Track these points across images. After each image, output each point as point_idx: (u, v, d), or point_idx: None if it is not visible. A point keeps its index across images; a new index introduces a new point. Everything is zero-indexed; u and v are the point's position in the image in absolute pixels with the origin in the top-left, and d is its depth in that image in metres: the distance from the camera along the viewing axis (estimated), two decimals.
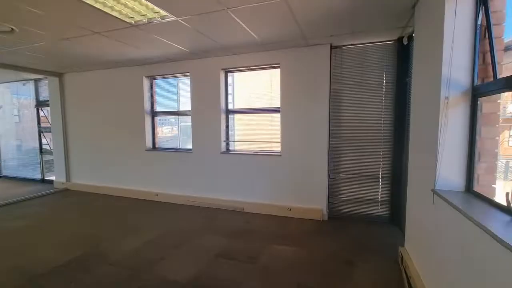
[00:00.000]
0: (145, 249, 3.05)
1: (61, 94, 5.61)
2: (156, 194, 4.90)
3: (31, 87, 6.43)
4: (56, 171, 5.98)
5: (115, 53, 4.01)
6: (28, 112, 7.60)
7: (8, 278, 2.49)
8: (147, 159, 4.97)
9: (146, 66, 4.76)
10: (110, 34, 3.17)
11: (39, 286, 2.37)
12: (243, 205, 4.27)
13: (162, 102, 5.09)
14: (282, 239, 3.29)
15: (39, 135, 6.42)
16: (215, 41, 3.49)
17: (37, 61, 4.52)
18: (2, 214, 4.25)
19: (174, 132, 5.51)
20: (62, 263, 2.76)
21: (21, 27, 2.92)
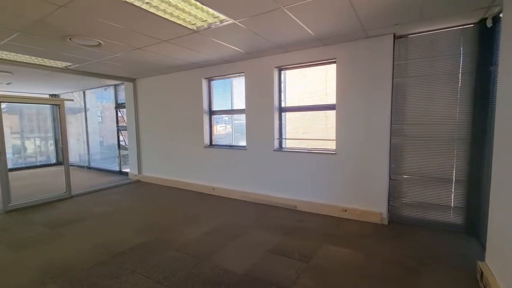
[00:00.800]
0: (205, 239, 3.28)
1: (135, 97, 6.40)
2: (213, 188, 5.22)
3: (111, 91, 7.48)
4: (130, 164, 6.85)
5: (178, 58, 4.38)
6: (109, 113, 8.85)
7: (95, 253, 2.97)
8: (205, 155, 5.32)
9: (204, 68, 5.10)
10: (175, 41, 3.48)
11: (120, 261, 2.77)
12: (296, 203, 4.26)
13: (217, 102, 5.38)
14: (337, 240, 3.18)
15: (117, 133, 7.43)
16: (269, 40, 3.53)
17: (116, 69, 5.23)
18: (91, 200, 5.07)
19: (227, 130, 5.77)
20: (136, 244, 3.16)
21: (106, 41, 3.43)
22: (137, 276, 2.52)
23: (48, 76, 5.73)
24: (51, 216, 4.16)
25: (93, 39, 3.32)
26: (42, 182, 6.59)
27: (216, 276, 2.50)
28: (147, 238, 3.32)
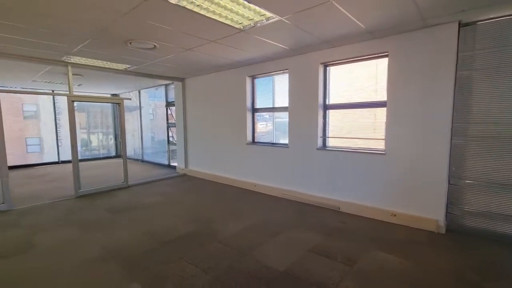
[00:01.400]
0: (246, 234, 3.36)
1: (183, 95, 6.80)
2: (254, 185, 5.31)
3: (162, 91, 8.06)
4: (178, 159, 7.32)
5: (224, 57, 4.53)
6: (159, 111, 9.57)
7: (145, 240, 3.24)
8: (247, 152, 5.43)
9: (248, 67, 5.18)
10: (222, 41, 3.60)
11: (168, 249, 2.98)
12: (339, 204, 4.10)
13: (259, 100, 5.43)
14: (385, 246, 2.99)
15: (167, 129, 7.99)
16: (315, 35, 3.44)
17: (167, 70, 5.61)
18: (144, 190, 5.54)
19: (268, 128, 5.80)
20: (183, 234, 3.37)
21: (160, 43, 3.70)
22: (184, 263, 2.68)
23: (111, 77, 6.40)
24: (112, 203, 4.66)
25: (149, 42, 3.61)
26: (104, 172, 7.41)
27: (257, 271, 2.54)
28: (192, 229, 3.52)
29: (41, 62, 4.54)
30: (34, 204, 4.60)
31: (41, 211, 4.26)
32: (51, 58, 4.47)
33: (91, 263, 2.70)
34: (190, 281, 2.38)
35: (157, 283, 2.36)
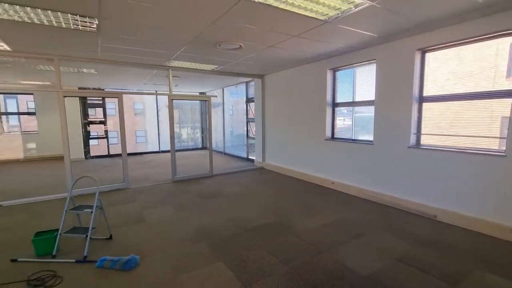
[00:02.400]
0: (324, 231, 3.28)
1: (262, 91, 7.05)
2: (332, 182, 5.11)
3: (242, 88, 8.55)
4: (256, 152, 7.67)
5: (306, 51, 4.47)
6: (238, 107, 10.19)
7: (229, 225, 3.53)
8: (326, 148, 5.25)
9: (330, 59, 4.97)
10: (304, 34, 3.56)
11: (250, 236, 3.18)
12: (435, 212, 3.55)
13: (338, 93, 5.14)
14: (499, 269, 2.45)
15: (246, 124, 8.45)
16: (412, 18, 3.02)
17: (249, 67, 5.90)
18: (226, 179, 6.04)
19: (346, 123, 5.44)
20: (262, 224, 3.54)
21: (245, 43, 3.92)
22: (263, 252, 2.82)
23: (200, 77, 7.17)
24: (200, 189, 5.26)
25: (235, 42, 3.86)
26: (192, 162, 8.41)
27: (337, 270, 2.45)
28: (271, 220, 3.65)
29: (150, 67, 5.44)
30: (143, 185, 5.60)
31: (148, 191, 5.16)
32: (157, 63, 5.30)
33: (186, 239, 3.12)
34: (270, 269, 2.49)
35: (240, 266, 2.55)
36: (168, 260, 2.68)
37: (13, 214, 3.98)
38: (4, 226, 3.55)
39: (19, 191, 5.21)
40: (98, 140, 9.83)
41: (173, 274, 2.44)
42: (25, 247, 2.93)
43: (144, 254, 2.77)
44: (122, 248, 2.91)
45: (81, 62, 4.87)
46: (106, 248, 2.91)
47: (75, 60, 4.67)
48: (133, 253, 2.72)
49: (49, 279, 2.35)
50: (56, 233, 2.82)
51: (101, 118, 9.75)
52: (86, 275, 2.43)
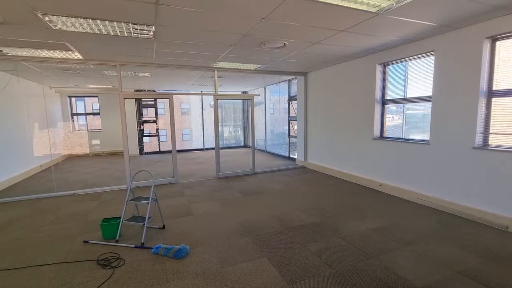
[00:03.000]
0: (372, 236, 3.11)
1: (305, 89, 6.93)
2: (380, 184, 4.82)
3: (282, 86, 8.51)
4: (298, 151, 7.59)
5: (354, 46, 4.27)
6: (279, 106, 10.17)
7: (273, 222, 3.55)
8: (374, 148, 4.96)
9: (379, 53, 4.67)
10: (353, 29, 3.40)
11: (293, 234, 3.17)
12: (507, 222, 3.12)
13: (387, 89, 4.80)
14: None
15: (288, 123, 8.39)
16: (482, 1, 2.68)
17: (292, 65, 5.84)
18: (267, 177, 6.10)
19: (395, 121, 5.05)
20: (305, 223, 3.49)
21: (289, 41, 3.89)
22: (307, 251, 2.78)
23: (242, 77, 7.33)
24: (242, 186, 5.40)
25: (280, 41, 3.86)
26: (234, 159, 8.64)
27: (387, 278, 2.31)
28: (314, 220, 3.59)
29: (197, 69, 5.74)
30: (189, 180, 5.95)
31: (194, 186, 5.46)
32: (204, 65, 5.56)
33: (231, 233, 3.23)
34: (315, 270, 2.45)
35: (284, 264, 2.57)
36: (215, 251, 2.81)
37: (85, 202, 4.56)
38: (78, 212, 4.09)
39: (88, 181, 5.95)
40: (149, 137, 10.71)
41: (219, 265, 2.56)
42: (94, 230, 3.34)
43: (193, 244, 2.95)
44: (173, 237, 3.14)
45: (138, 66, 5.35)
46: (160, 237, 3.17)
47: (133, 65, 5.15)
48: (184, 243, 2.91)
49: (114, 260, 2.65)
50: (118, 220, 3.16)
51: (153, 117, 10.59)
52: (143, 260, 2.68)
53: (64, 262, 2.65)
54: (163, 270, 2.49)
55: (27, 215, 3.95)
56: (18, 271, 2.52)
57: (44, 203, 4.53)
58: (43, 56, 4.39)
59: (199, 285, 2.26)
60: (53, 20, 2.84)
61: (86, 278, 2.39)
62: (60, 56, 4.46)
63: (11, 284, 2.33)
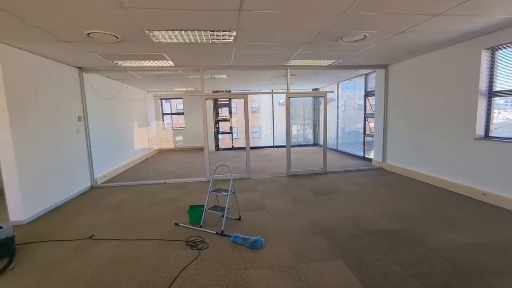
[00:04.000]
0: (472, 252, 2.66)
1: (386, 83, 6.32)
2: (483, 194, 4.04)
3: (359, 81, 7.95)
4: (375, 151, 7.01)
5: (450, 31, 3.68)
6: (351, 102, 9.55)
7: (347, 224, 3.39)
8: (476, 149, 4.18)
9: (486, 36, 3.90)
10: (451, 11, 2.94)
11: (371, 240, 2.97)
12: None
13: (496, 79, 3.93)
14: None
15: (364, 120, 7.82)
16: None
17: (370, 58, 5.41)
18: (340, 178, 5.84)
19: (501, 117, 4.11)
20: (384, 229, 3.22)
21: (370, 32, 3.62)
22: (387, 259, 2.57)
23: (314, 74, 7.17)
24: (314, 185, 5.32)
25: (360, 33, 3.63)
26: (304, 158, 8.55)
27: None
28: (395, 227, 3.27)
29: (270, 68, 5.90)
30: (261, 176, 6.18)
31: (266, 182, 5.65)
32: (277, 64, 5.68)
33: (303, 231, 3.24)
34: (398, 280, 2.25)
35: (361, 269, 2.44)
36: (288, 247, 2.87)
37: (174, 190, 5.26)
38: (169, 198, 4.75)
39: (175, 173, 6.84)
40: (223, 135, 11.54)
41: (293, 260, 2.60)
42: (182, 215, 3.83)
43: (267, 237, 3.07)
44: (249, 229, 3.34)
45: (218, 69, 5.83)
46: (237, 227, 3.41)
47: (214, 68, 5.64)
48: (259, 235, 3.07)
49: (199, 243, 2.99)
50: (202, 208, 3.54)
51: (227, 116, 11.37)
52: (223, 246, 2.94)
53: (161, 239, 3.14)
54: (241, 258, 2.68)
55: (132, 198, 4.81)
56: (130, 242, 3.10)
57: (143, 189, 5.42)
58: (145, 65, 5.24)
59: (275, 277, 2.35)
60: (155, 34, 3.37)
61: (179, 255, 2.78)
62: (157, 65, 5.24)
63: (126, 250, 2.90)
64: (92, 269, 2.57)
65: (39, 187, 4.10)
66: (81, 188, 5.27)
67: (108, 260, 2.72)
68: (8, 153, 3.63)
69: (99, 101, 6.13)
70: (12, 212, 3.73)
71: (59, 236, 3.30)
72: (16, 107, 3.69)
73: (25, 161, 3.83)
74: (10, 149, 3.62)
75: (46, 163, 4.27)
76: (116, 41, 3.57)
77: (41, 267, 2.63)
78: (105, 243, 3.10)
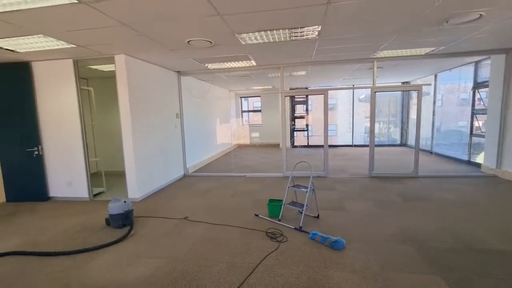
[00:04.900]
0: None
1: (506, 72, 5.08)
2: None
3: (463, 70, 6.64)
4: (485, 155, 5.77)
5: None
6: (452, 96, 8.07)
7: (443, 238, 2.90)
8: None
9: None
10: None
11: (481, 259, 2.48)
12: None
13: None
14: None
15: (471, 117, 6.51)
16: None
17: (479, 43, 4.44)
18: (434, 183, 5.04)
19: None
20: (499, 249, 2.64)
21: (486, 10, 2.99)
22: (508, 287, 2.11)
23: (406, 65, 6.36)
24: (401, 189, 4.76)
25: (474, 12, 3.03)
26: (390, 159, 7.72)
27: None
28: None
29: (354, 62, 5.54)
30: (340, 176, 5.91)
31: (345, 182, 5.37)
32: (362, 57, 5.29)
33: (389, 237, 2.96)
34: None
35: None
36: (372, 252, 2.68)
37: (252, 183, 5.57)
38: (248, 190, 5.06)
39: (253, 167, 7.21)
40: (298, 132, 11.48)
41: (379, 268, 2.41)
42: (261, 207, 4.02)
43: (348, 239, 2.93)
44: (327, 228, 3.26)
45: (298, 66, 5.82)
46: (315, 224, 3.38)
47: (294, 65, 5.67)
48: (339, 235, 2.96)
49: (278, 236, 3.09)
50: (281, 202, 3.64)
51: (303, 113, 11.27)
52: (302, 242, 2.96)
53: (243, 227, 3.38)
54: (321, 256, 2.65)
55: (217, 187, 5.31)
56: (217, 226, 3.45)
57: (226, 180, 5.92)
58: (230, 66, 5.68)
59: (359, 282, 2.23)
60: (243, 37, 3.61)
61: (259, 244, 2.94)
62: (241, 65, 5.61)
63: (214, 233, 3.24)
64: (188, 245, 2.97)
65: (148, 172, 4.97)
66: (177, 175, 6.13)
67: (200, 239, 3.10)
68: (129, 143, 4.52)
69: (191, 100, 6.98)
70: (130, 191, 4.65)
71: (162, 214, 3.95)
72: (134, 106, 4.56)
73: (139, 150, 4.70)
74: (130, 141, 4.51)
75: (153, 152, 5.14)
76: (210, 46, 3.98)
77: (150, 238, 3.20)
78: (197, 224, 3.54)
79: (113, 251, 2.90)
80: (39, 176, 4.73)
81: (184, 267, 2.54)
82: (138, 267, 2.59)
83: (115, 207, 3.42)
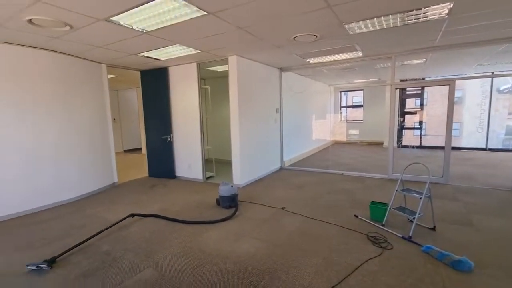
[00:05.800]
0: None
1: None
2: None
3: None
4: None
5: None
6: None
7: None
8: None
9: None
10: None
11: None
12: None
13: None
14: None
15: None
16: None
17: None
18: None
19: None
20: None
21: None
22: None
23: None
24: None
25: None
26: None
27: None
28: None
29: (495, 43, 4.35)
30: (466, 185, 4.83)
31: (474, 193, 4.36)
32: (508, 36, 4.09)
33: None
34: None
35: None
36: None
37: (351, 182, 5.26)
38: (346, 189, 4.81)
39: (352, 165, 6.78)
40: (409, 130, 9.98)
41: None
42: (361, 208, 3.76)
43: (477, 262, 2.39)
44: (446, 243, 2.75)
45: (414, 53, 5.01)
46: (428, 237, 2.91)
47: (409, 53, 4.93)
48: (463, 255, 2.45)
49: (382, 242, 2.83)
50: (386, 206, 3.30)
51: (416, 108, 9.71)
52: (412, 253, 2.61)
53: (341, 226, 3.26)
54: (438, 275, 2.27)
55: (313, 182, 5.29)
56: (313, 220, 3.46)
57: (321, 176, 5.81)
58: (333, 59, 5.47)
59: None
60: (352, 26, 3.41)
61: (359, 246, 2.78)
62: (345, 58, 5.32)
63: (310, 226, 3.27)
64: (286, 234, 3.11)
65: (250, 162, 5.44)
66: (274, 167, 6.45)
67: (296, 230, 3.19)
68: (236, 135, 5.06)
69: (289, 95, 7.14)
70: (235, 177, 5.22)
71: (262, 201, 4.26)
72: (241, 102, 5.05)
73: (244, 141, 5.20)
74: (237, 133, 5.04)
75: (255, 144, 5.58)
76: (315, 40, 3.95)
77: (253, 220, 3.52)
78: (293, 215, 3.65)
79: (222, 227, 3.35)
80: (170, 159, 5.92)
81: (282, 253, 2.69)
82: (243, 244, 2.90)
83: (225, 190, 3.93)
